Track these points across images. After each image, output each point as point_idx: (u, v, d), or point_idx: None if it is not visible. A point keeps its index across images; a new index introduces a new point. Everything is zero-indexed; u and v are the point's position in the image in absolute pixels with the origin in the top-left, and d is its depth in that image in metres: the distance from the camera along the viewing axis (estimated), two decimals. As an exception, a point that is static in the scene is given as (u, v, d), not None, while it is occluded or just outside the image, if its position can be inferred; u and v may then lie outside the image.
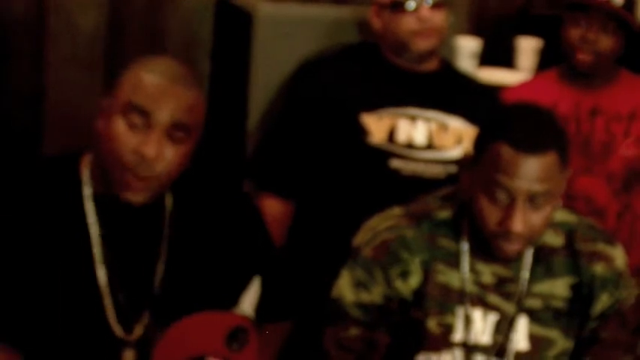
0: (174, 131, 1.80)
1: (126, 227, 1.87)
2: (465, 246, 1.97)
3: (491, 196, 1.85)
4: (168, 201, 1.91)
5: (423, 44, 2.60)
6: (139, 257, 1.88)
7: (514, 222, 1.83)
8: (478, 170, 1.88)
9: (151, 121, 1.78)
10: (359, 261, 1.98)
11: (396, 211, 2.02)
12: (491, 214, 1.86)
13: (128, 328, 1.85)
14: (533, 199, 1.84)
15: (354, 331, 1.98)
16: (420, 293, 1.95)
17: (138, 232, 1.88)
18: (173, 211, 1.91)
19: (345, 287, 1.98)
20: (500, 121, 1.91)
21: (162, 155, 1.79)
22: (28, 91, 2.88)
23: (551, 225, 1.96)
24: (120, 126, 1.79)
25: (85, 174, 1.87)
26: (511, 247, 1.88)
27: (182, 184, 1.93)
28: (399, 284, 1.96)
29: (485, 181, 1.86)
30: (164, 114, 1.78)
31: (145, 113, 1.78)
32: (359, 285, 1.97)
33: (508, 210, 1.84)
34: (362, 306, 1.97)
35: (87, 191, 1.86)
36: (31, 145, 2.85)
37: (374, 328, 1.97)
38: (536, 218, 1.85)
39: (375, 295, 1.96)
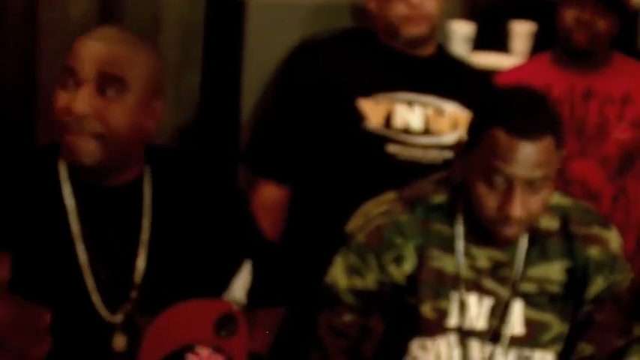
0: (106, 85, 1.80)
1: (104, 209, 1.87)
2: (459, 230, 1.96)
3: (489, 182, 1.85)
4: (147, 180, 1.91)
5: (413, 30, 2.60)
6: (120, 238, 1.87)
7: (513, 207, 1.83)
8: (475, 156, 1.88)
9: (79, 78, 1.80)
10: (352, 247, 1.98)
11: (390, 196, 2.02)
12: (489, 200, 1.86)
13: (113, 309, 1.84)
14: (531, 184, 1.84)
15: (348, 317, 1.97)
16: (414, 278, 1.95)
17: (117, 214, 1.88)
18: (153, 193, 1.91)
19: (338, 273, 1.98)
20: (496, 106, 1.90)
21: (96, 112, 1.79)
22: (20, 82, 2.86)
23: (547, 209, 1.96)
24: (59, 92, 1.82)
25: (61, 159, 1.88)
26: (510, 232, 1.89)
27: (162, 165, 1.93)
28: (392, 270, 1.95)
29: (482, 167, 1.85)
30: (88, 68, 1.79)
31: (73, 72, 1.80)
32: (352, 271, 1.97)
33: (506, 196, 1.84)
34: (356, 292, 1.97)
35: (63, 174, 1.87)
36: (25, 136, 2.84)
37: (368, 314, 1.97)
38: (534, 202, 1.86)
39: (368, 281, 1.96)
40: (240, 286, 2.02)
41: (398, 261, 1.95)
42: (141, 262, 1.87)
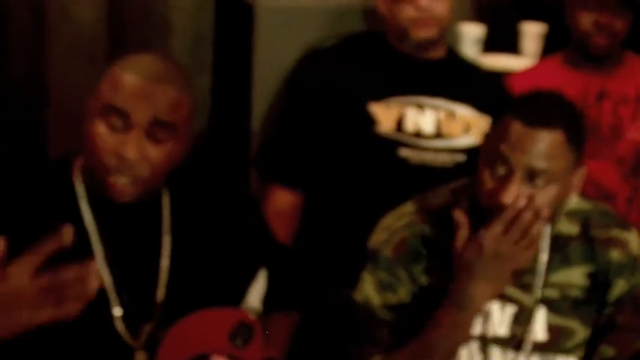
0: (157, 130, 1.77)
1: (123, 227, 1.85)
2: None
3: (493, 170, 1.83)
4: (165, 199, 1.90)
5: (421, 33, 2.59)
6: (141, 255, 1.86)
7: (505, 193, 1.79)
8: (484, 146, 1.87)
9: (130, 122, 1.76)
10: (380, 262, 1.95)
11: (408, 207, 1.99)
12: (487, 187, 1.83)
13: (135, 328, 1.83)
14: (532, 177, 1.81)
15: (384, 333, 1.95)
16: (441, 287, 1.93)
17: (136, 231, 1.86)
18: (171, 209, 1.89)
19: (369, 290, 1.95)
20: (515, 100, 1.90)
21: (144, 156, 1.76)
22: (30, 88, 2.86)
23: (566, 214, 1.95)
24: (100, 128, 1.77)
25: (78, 176, 1.85)
26: None
27: (179, 181, 1.91)
28: (424, 280, 1.94)
29: (489, 153, 1.84)
30: (142, 114, 1.75)
31: (123, 114, 1.76)
32: (384, 287, 1.94)
33: (503, 182, 1.81)
34: (390, 307, 1.94)
35: (81, 193, 1.84)
36: (36, 142, 2.83)
37: (403, 325, 1.94)
38: (536, 197, 1.81)
39: (401, 294, 1.94)
40: (255, 294, 2.01)
41: (428, 272, 1.93)
42: (162, 279, 1.85)
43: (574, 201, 1.97)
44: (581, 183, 1.89)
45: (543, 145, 1.80)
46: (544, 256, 1.95)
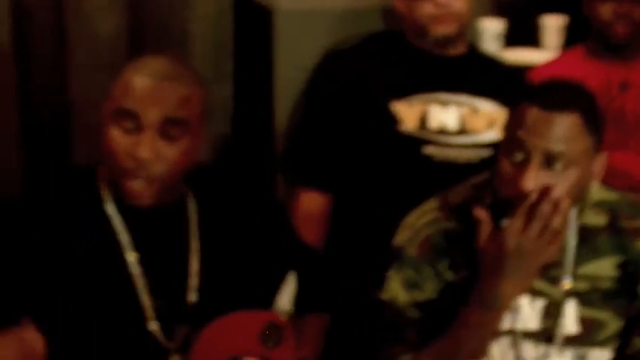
0: (169, 128, 1.78)
1: (152, 233, 1.86)
2: None
3: (511, 157, 1.82)
4: (191, 203, 1.90)
5: (441, 29, 2.59)
6: (171, 261, 1.87)
7: (525, 179, 1.78)
8: (503, 134, 1.86)
9: (141, 122, 1.77)
10: (405, 261, 1.95)
11: (432, 204, 1.99)
12: (505, 175, 1.82)
13: (169, 332, 1.83)
14: (550, 161, 1.80)
15: (413, 331, 1.94)
16: (467, 283, 1.92)
17: (165, 237, 1.87)
18: (198, 214, 1.90)
19: (396, 289, 1.95)
20: (531, 88, 1.91)
21: (159, 155, 1.78)
22: (52, 98, 2.87)
23: (592, 205, 1.94)
24: (114, 132, 1.78)
25: (103, 184, 1.86)
26: None
27: (204, 186, 1.92)
28: (449, 276, 1.93)
29: (507, 141, 1.83)
30: (152, 114, 1.77)
31: (134, 116, 1.77)
32: (410, 285, 1.94)
33: (522, 168, 1.80)
34: (417, 305, 1.94)
35: (108, 201, 1.85)
36: (61, 152, 2.85)
37: (431, 322, 1.93)
38: (556, 183, 1.80)
39: (428, 292, 1.93)
40: (286, 297, 2.01)
41: (453, 268, 1.93)
42: (193, 283, 1.86)
43: (600, 192, 1.96)
44: (603, 170, 1.88)
45: (560, 128, 1.79)
46: (571, 249, 1.94)
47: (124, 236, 1.83)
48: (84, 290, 1.79)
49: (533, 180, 1.78)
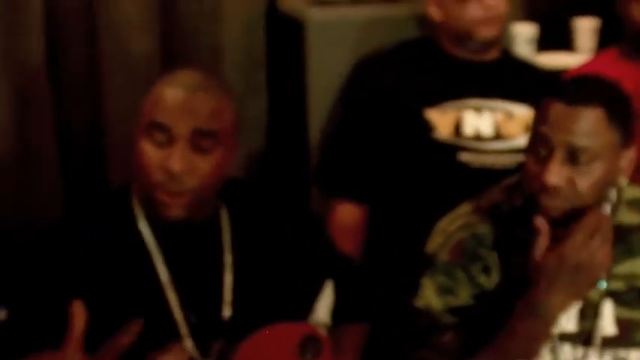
0: (200, 140, 1.78)
1: (185, 248, 1.85)
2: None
3: (536, 154, 1.82)
4: (224, 217, 1.90)
5: (487, 32, 2.58)
6: (204, 277, 1.86)
7: (548, 173, 1.78)
8: (530, 133, 1.86)
9: (173, 134, 1.77)
10: (438, 267, 1.94)
11: (464, 209, 1.98)
12: (530, 171, 1.82)
13: (204, 349, 1.83)
14: (574, 156, 1.79)
15: (449, 337, 1.93)
16: (501, 287, 1.91)
17: (198, 251, 1.87)
18: (231, 227, 1.90)
19: (430, 296, 1.94)
20: (555, 84, 1.92)
21: (190, 168, 1.77)
22: (87, 120, 2.89)
23: (626, 203, 1.92)
24: (146, 146, 1.78)
25: (136, 202, 1.86)
26: (549, 202, 1.81)
27: (238, 199, 1.92)
28: (483, 280, 1.92)
29: (532, 138, 1.83)
30: (183, 126, 1.77)
31: (165, 129, 1.77)
32: (444, 291, 1.93)
33: (545, 163, 1.80)
34: (452, 310, 1.93)
35: (141, 217, 1.86)
36: (97, 176, 2.86)
37: (467, 328, 1.92)
38: (580, 178, 1.80)
39: (462, 297, 1.92)
40: (323, 308, 2.01)
41: (486, 271, 1.92)
42: (227, 297, 1.86)
43: (633, 190, 1.94)
44: (632, 165, 1.87)
45: (583, 122, 1.78)
46: None
47: (156, 253, 1.84)
48: (119, 310, 1.79)
49: (556, 174, 1.78)
